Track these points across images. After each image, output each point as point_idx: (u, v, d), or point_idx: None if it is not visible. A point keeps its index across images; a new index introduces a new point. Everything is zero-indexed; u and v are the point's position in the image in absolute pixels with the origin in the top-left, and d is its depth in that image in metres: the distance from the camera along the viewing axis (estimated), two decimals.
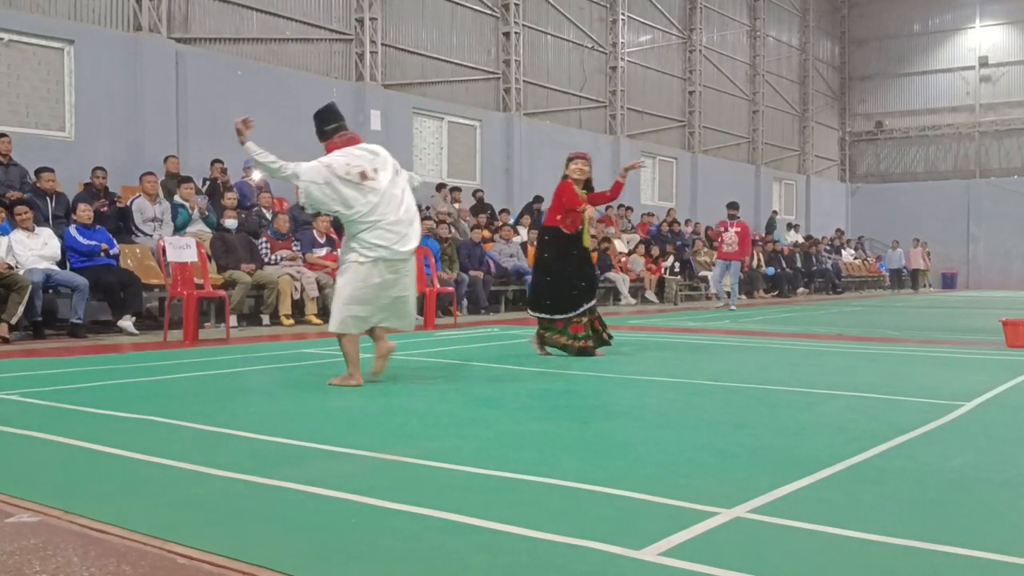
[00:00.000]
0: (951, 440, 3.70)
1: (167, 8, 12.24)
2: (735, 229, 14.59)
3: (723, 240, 14.81)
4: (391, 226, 5.20)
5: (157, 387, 5.18)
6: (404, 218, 5.27)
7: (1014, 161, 30.30)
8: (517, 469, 3.03)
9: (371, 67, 15.13)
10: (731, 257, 14.68)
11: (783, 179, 29.35)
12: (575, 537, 2.27)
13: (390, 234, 5.19)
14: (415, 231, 5.32)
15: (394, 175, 5.33)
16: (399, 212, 5.26)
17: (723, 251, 14.84)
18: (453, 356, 7.06)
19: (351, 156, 5.25)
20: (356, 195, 5.16)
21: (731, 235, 14.56)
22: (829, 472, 3.03)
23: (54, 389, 4.96)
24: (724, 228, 14.88)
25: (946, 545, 2.25)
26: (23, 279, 7.89)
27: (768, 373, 5.96)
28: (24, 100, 10.99)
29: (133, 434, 3.68)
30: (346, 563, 2.13)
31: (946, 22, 31.33)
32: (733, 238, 14.52)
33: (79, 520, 2.44)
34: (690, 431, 3.89)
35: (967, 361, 6.86)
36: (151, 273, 9.43)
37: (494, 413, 4.35)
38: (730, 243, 14.56)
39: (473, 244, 13.36)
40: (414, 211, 5.37)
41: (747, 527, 2.41)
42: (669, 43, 23.70)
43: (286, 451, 3.38)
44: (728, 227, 14.73)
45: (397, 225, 5.23)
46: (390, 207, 5.22)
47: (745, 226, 14.89)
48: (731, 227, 14.66)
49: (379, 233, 5.18)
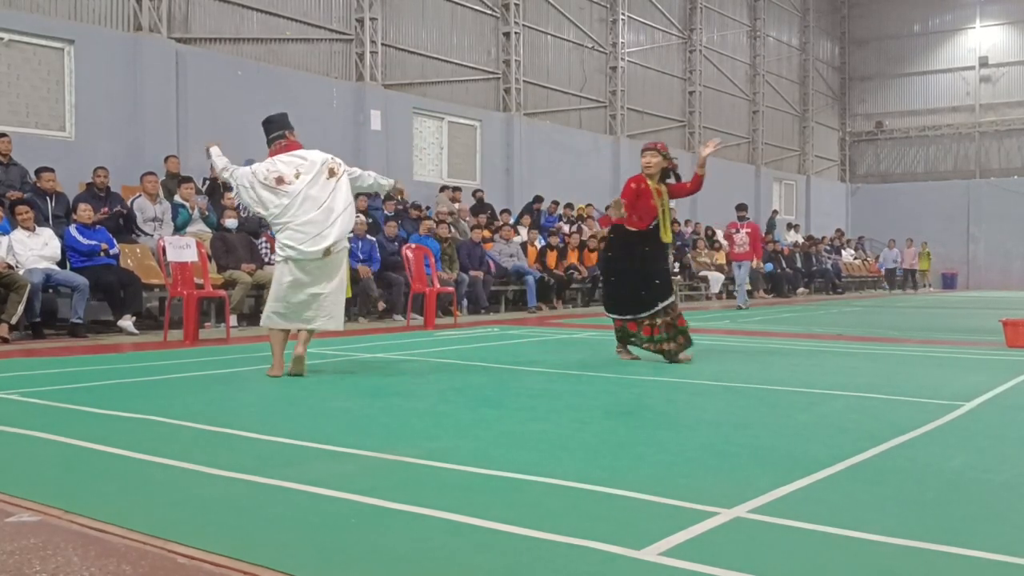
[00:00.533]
0: (951, 440, 3.70)
1: (167, 8, 12.24)
2: (745, 230, 14.90)
3: (734, 241, 15.07)
4: (300, 227, 5.56)
5: (157, 387, 5.18)
6: (318, 219, 5.56)
7: (1014, 161, 30.30)
8: (517, 469, 3.03)
9: (371, 67, 15.13)
10: (743, 258, 15.01)
11: (783, 179, 29.35)
12: (575, 537, 2.27)
13: (298, 234, 5.57)
14: (334, 230, 5.59)
15: (319, 178, 5.67)
16: (311, 213, 5.56)
17: (735, 252, 15.16)
18: (453, 356, 7.06)
19: (275, 162, 5.73)
20: (271, 197, 5.64)
21: (742, 236, 14.89)
22: (829, 472, 3.03)
23: (54, 389, 4.97)
24: (735, 229, 15.15)
25: (946, 545, 2.25)
26: (23, 279, 7.89)
27: (768, 373, 5.96)
28: (24, 100, 10.99)
29: (133, 434, 3.68)
30: (346, 563, 2.13)
31: (946, 22, 31.33)
32: (744, 239, 14.85)
33: (79, 520, 2.44)
34: (690, 431, 3.89)
35: (967, 361, 6.86)
36: (151, 273, 9.43)
37: (494, 413, 4.35)
38: (741, 244, 14.88)
39: (473, 244, 13.36)
40: (339, 210, 5.64)
41: (747, 527, 2.41)
42: (669, 43, 23.70)
43: (286, 451, 3.38)
44: (739, 228, 15.03)
45: (307, 226, 5.55)
46: (302, 208, 5.56)
47: (755, 227, 15.18)
48: (741, 228, 14.97)
49: (288, 234, 5.60)
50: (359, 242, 11.59)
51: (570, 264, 15.31)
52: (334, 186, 5.68)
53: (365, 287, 11.10)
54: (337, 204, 5.65)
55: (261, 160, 5.98)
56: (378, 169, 14.72)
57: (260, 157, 6.13)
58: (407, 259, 10.86)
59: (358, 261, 11.38)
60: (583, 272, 15.49)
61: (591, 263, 15.76)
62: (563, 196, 17.88)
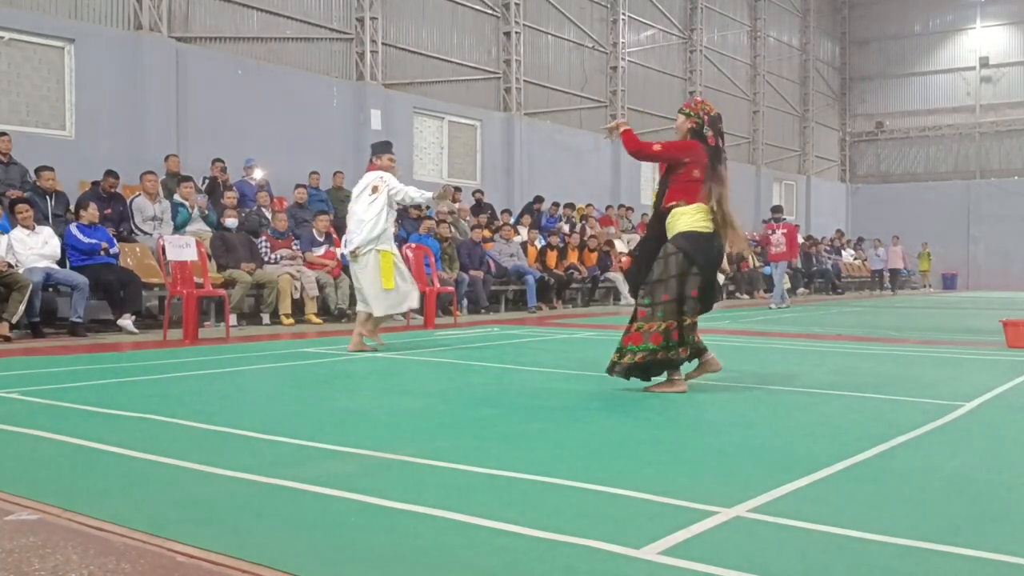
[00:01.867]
0: (951, 440, 3.70)
1: (167, 7, 12.24)
2: (782, 231, 15.14)
3: (771, 242, 15.26)
4: (346, 234, 7.35)
5: (157, 386, 5.18)
6: (351, 227, 7.13)
7: (1014, 162, 30.30)
8: (517, 468, 3.03)
9: (371, 66, 15.13)
10: (781, 258, 15.25)
11: (783, 179, 29.35)
12: (575, 536, 2.27)
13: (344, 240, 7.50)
14: (357, 237, 6.98)
15: (363, 194, 7.04)
16: (350, 224, 7.16)
17: (772, 253, 15.36)
18: (453, 356, 7.06)
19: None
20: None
21: (778, 236, 15.13)
22: (829, 472, 3.03)
23: (54, 387, 4.96)
24: (771, 231, 15.34)
25: (946, 545, 2.24)
26: (23, 278, 7.89)
27: (768, 373, 5.95)
28: (25, 99, 10.98)
29: (133, 433, 3.67)
30: (346, 562, 2.12)
31: (947, 23, 31.32)
32: (780, 239, 15.08)
33: (78, 518, 2.43)
34: (690, 430, 3.89)
35: (967, 361, 6.86)
36: (151, 272, 9.43)
37: (494, 412, 4.35)
38: (778, 244, 15.10)
39: (473, 244, 13.36)
40: (358, 220, 7.00)
41: (747, 526, 2.41)
42: (670, 43, 23.70)
43: (286, 450, 3.38)
44: (774, 229, 15.27)
45: (347, 234, 7.25)
46: (350, 221, 7.17)
47: (792, 227, 15.36)
48: (778, 229, 15.22)
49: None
50: None
51: (570, 264, 15.31)
52: (370, 200, 6.98)
53: None
54: (367, 216, 6.96)
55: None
56: None
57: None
58: (407, 259, 10.83)
59: None
60: (583, 272, 15.49)
61: (591, 263, 15.76)
62: (563, 196, 17.87)
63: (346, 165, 14.09)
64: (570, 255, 15.49)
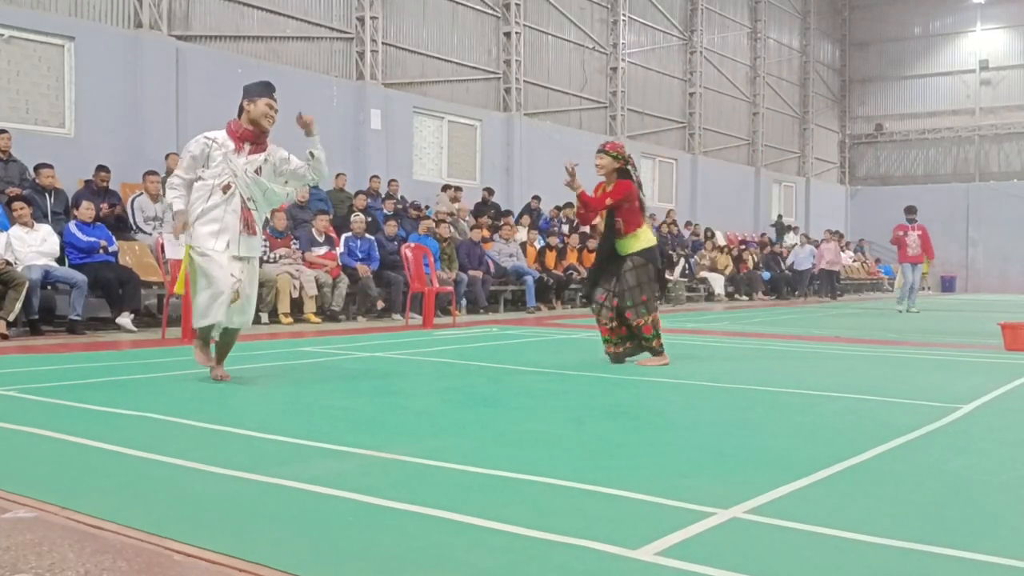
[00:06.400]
0: (949, 442, 3.70)
1: (167, 5, 12.23)
2: (916, 232, 15.24)
3: (906, 244, 15.29)
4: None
5: (155, 384, 5.18)
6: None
7: (1013, 165, 30.32)
8: (515, 468, 3.03)
9: (371, 66, 15.13)
10: (916, 260, 15.31)
11: (783, 181, 29.36)
12: (572, 536, 2.27)
13: None
14: None
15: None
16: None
17: (907, 255, 15.36)
18: (451, 356, 7.06)
19: None
20: None
21: (914, 238, 15.23)
22: (827, 473, 3.03)
23: (52, 385, 4.96)
24: (904, 232, 15.39)
25: (943, 547, 2.24)
26: (21, 275, 7.89)
27: (767, 374, 5.95)
28: (24, 96, 10.97)
29: (130, 431, 3.67)
30: (344, 561, 2.12)
31: (947, 25, 31.34)
32: (916, 241, 15.19)
33: (75, 516, 2.43)
34: (688, 431, 3.89)
35: (965, 364, 6.86)
36: (150, 270, 9.42)
37: (492, 412, 4.35)
38: (914, 246, 15.19)
39: (472, 244, 13.36)
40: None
41: (744, 527, 2.41)
42: (670, 44, 23.71)
43: (284, 449, 3.38)
44: (908, 231, 15.34)
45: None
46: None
47: (925, 229, 15.42)
48: (911, 230, 15.31)
49: None
50: (358, 241, 11.60)
51: (569, 264, 15.31)
52: None
53: (364, 286, 11.10)
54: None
55: None
56: (379, 168, 14.86)
57: None
58: (406, 258, 10.85)
59: (357, 260, 11.38)
60: (582, 272, 15.48)
61: (590, 263, 15.74)
62: (563, 197, 17.83)
63: (346, 165, 14.08)
64: (569, 255, 15.49)
